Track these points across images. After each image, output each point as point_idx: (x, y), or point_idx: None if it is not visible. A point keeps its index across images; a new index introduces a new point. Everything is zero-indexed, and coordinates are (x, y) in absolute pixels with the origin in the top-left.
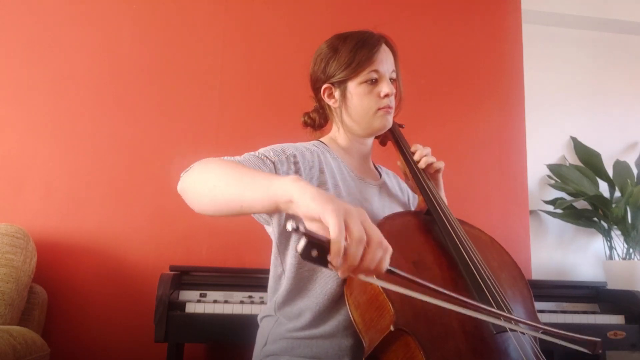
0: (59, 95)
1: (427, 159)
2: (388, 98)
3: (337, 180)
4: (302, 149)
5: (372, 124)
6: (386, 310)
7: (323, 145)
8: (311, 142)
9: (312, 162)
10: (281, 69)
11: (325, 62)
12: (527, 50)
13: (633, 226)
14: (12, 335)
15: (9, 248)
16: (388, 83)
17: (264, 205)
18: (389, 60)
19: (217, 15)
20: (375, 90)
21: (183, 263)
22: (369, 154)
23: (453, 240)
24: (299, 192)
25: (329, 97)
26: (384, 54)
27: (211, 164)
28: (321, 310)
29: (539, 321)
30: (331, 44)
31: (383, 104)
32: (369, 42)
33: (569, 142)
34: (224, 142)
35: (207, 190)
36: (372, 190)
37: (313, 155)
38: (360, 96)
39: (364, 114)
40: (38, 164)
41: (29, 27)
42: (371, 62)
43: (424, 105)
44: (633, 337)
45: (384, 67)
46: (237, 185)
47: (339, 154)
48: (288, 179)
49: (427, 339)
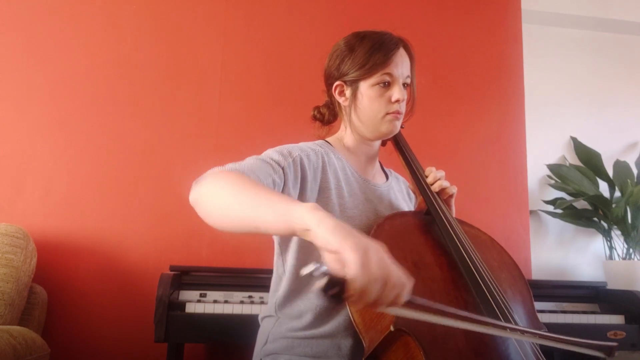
0: (59, 96)
1: (441, 182)
2: (398, 103)
3: (340, 180)
4: (308, 149)
5: (379, 127)
6: None
7: (328, 145)
8: (316, 142)
9: (317, 163)
10: (281, 68)
11: (340, 60)
12: (527, 50)
13: (633, 226)
14: (12, 335)
15: (9, 248)
16: (400, 88)
17: (280, 229)
18: (405, 65)
19: (217, 15)
20: (386, 94)
21: (183, 263)
22: (375, 156)
23: (453, 241)
24: (317, 223)
25: (340, 94)
26: (400, 58)
27: (225, 179)
28: (321, 311)
29: (539, 321)
30: (348, 41)
31: (393, 109)
32: (386, 44)
33: (569, 142)
34: (224, 142)
35: (221, 208)
36: (376, 192)
37: (317, 155)
38: (371, 98)
39: (372, 116)
40: (38, 164)
41: (29, 27)
42: (386, 65)
43: (423, 105)
44: (633, 337)
45: (398, 71)
46: (252, 207)
47: (344, 154)
48: (306, 208)
49: (427, 339)
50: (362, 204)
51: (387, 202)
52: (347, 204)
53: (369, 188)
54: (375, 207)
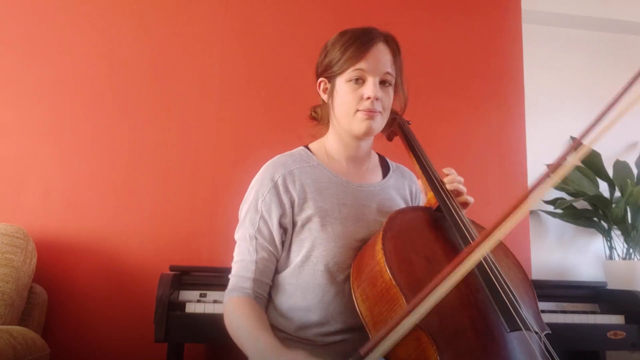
0: (59, 96)
1: (457, 185)
2: (370, 101)
3: (314, 189)
4: (278, 177)
5: (351, 125)
6: (398, 305)
7: (303, 155)
8: (292, 153)
9: (286, 188)
10: (281, 69)
11: (324, 56)
12: (527, 50)
13: (633, 226)
14: (12, 335)
15: (9, 248)
16: (374, 85)
17: None
18: (384, 61)
19: (217, 15)
20: (359, 91)
21: (183, 263)
22: (364, 156)
23: (465, 238)
24: None
25: (324, 91)
26: (378, 52)
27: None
28: (322, 314)
29: (543, 322)
30: (334, 37)
31: (363, 106)
32: (362, 39)
33: (569, 142)
34: (224, 142)
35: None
36: (362, 193)
37: (291, 174)
38: (344, 94)
39: (345, 113)
40: (38, 164)
41: (29, 27)
42: (358, 59)
43: (423, 106)
44: (633, 337)
45: (372, 66)
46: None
47: (324, 158)
48: None
49: (440, 335)
50: (339, 208)
51: (375, 202)
52: (328, 211)
53: (353, 190)
54: (359, 209)
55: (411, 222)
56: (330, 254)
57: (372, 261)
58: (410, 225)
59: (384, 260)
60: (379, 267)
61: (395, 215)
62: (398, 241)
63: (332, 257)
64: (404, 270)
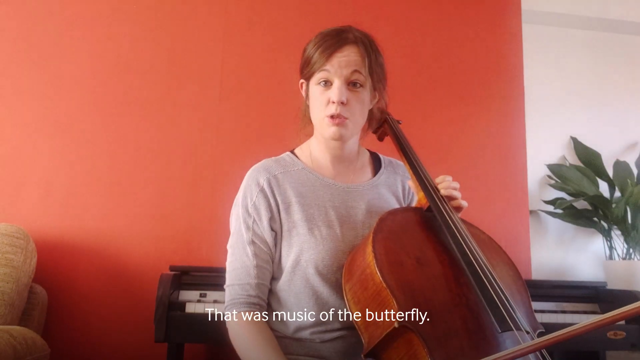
0: (59, 95)
1: (453, 191)
2: (334, 105)
3: (298, 194)
4: (263, 182)
5: (322, 130)
6: (390, 307)
7: (291, 158)
8: (278, 158)
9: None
10: (281, 68)
11: (302, 56)
12: (527, 50)
13: (633, 226)
14: (12, 335)
15: (9, 248)
16: (339, 89)
17: None
18: (352, 63)
19: (217, 14)
20: (326, 93)
21: (183, 263)
22: (351, 156)
23: (455, 238)
24: None
25: (305, 92)
26: (347, 53)
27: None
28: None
29: (537, 321)
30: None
31: (328, 111)
32: (330, 40)
33: (569, 142)
34: (224, 142)
35: None
36: (350, 193)
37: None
38: (314, 98)
39: (315, 117)
40: (38, 164)
41: (29, 27)
42: (324, 62)
43: (423, 106)
44: (633, 337)
45: (338, 68)
46: None
47: (309, 162)
48: None
49: (431, 337)
50: (325, 210)
51: (364, 202)
52: (314, 214)
53: (337, 192)
54: (347, 210)
55: (402, 224)
56: (319, 257)
57: (362, 263)
58: (400, 227)
59: (375, 263)
60: (369, 270)
61: (386, 216)
62: (388, 243)
63: (321, 260)
64: (395, 272)
